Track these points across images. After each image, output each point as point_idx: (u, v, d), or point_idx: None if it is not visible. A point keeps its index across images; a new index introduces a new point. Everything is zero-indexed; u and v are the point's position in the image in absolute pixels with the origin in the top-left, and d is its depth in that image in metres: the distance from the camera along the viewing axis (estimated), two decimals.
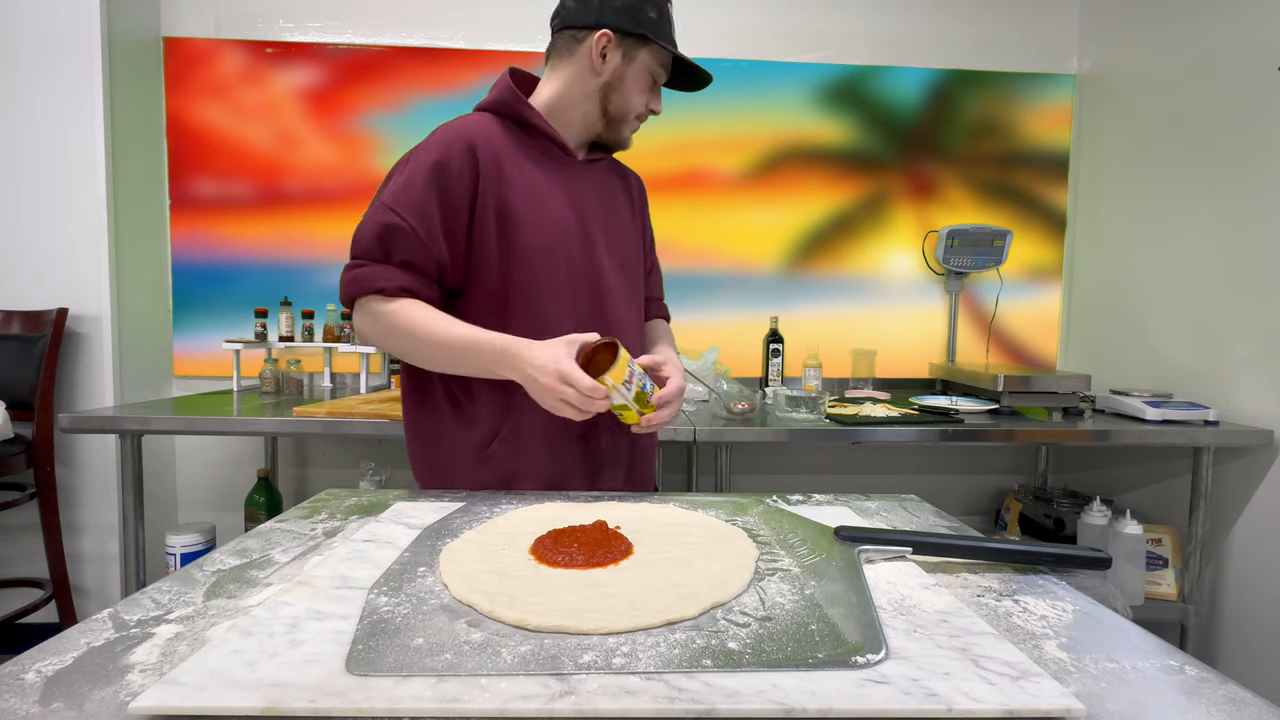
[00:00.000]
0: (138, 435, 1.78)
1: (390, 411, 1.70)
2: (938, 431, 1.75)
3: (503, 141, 1.01)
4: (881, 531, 0.71)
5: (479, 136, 0.99)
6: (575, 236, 1.03)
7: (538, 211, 1.00)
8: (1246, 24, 1.85)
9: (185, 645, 0.50)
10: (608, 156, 1.15)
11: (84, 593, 2.16)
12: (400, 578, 0.60)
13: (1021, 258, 2.51)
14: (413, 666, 0.45)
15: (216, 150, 2.32)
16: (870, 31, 2.45)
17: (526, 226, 0.99)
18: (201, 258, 2.34)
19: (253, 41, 2.31)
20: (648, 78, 1.06)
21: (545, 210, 1.01)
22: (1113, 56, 2.36)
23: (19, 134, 2.05)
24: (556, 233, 1.01)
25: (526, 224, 0.99)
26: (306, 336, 2.23)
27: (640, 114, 1.08)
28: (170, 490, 2.39)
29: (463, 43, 2.37)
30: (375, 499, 0.90)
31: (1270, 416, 1.77)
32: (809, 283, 2.48)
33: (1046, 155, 2.50)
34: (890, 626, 0.52)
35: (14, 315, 2.03)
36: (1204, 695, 0.45)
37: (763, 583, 0.60)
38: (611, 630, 0.50)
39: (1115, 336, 2.32)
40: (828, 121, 2.45)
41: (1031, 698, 0.42)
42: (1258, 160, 1.81)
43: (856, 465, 2.55)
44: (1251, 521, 1.83)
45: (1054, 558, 0.69)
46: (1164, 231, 2.12)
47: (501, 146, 1.00)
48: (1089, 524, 1.92)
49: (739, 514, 0.82)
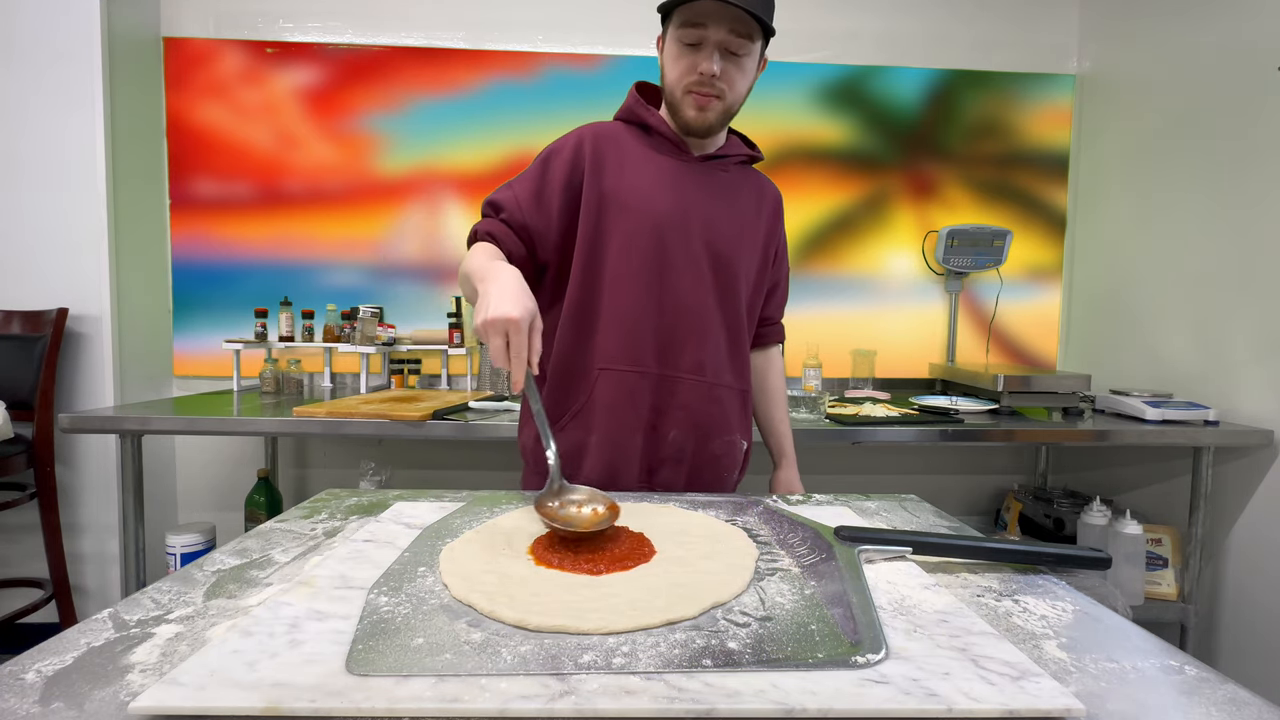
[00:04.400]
0: (138, 435, 1.77)
1: (390, 411, 1.70)
2: (938, 431, 1.75)
3: (619, 139, 1.09)
4: (881, 531, 0.71)
5: (591, 133, 1.09)
6: (675, 225, 1.06)
7: (637, 195, 1.06)
8: (1246, 24, 1.85)
9: (185, 645, 0.50)
10: (742, 159, 1.16)
11: (84, 593, 2.16)
12: (400, 578, 0.60)
13: (1021, 258, 2.51)
14: (413, 666, 0.45)
15: (216, 150, 2.32)
16: (870, 31, 2.45)
17: (623, 207, 1.06)
18: (201, 258, 2.34)
19: (253, 41, 2.31)
20: (675, 45, 1.03)
21: (645, 195, 1.06)
22: (1113, 56, 2.36)
23: (19, 134, 2.05)
24: (654, 216, 1.06)
25: (624, 205, 1.06)
26: (306, 336, 2.23)
27: (690, 85, 1.03)
28: (170, 490, 2.39)
29: (463, 43, 2.37)
30: (375, 499, 0.90)
31: (1270, 416, 1.77)
32: (809, 283, 2.47)
33: (1046, 155, 2.50)
34: (890, 626, 0.52)
35: (14, 315, 2.03)
36: (1204, 695, 0.45)
37: (763, 583, 0.60)
38: (611, 630, 0.50)
39: (1115, 336, 2.32)
40: (828, 121, 2.45)
41: (1031, 698, 0.42)
42: (1258, 160, 1.81)
43: (856, 465, 2.55)
44: (1251, 521, 1.83)
45: (1054, 558, 0.69)
46: (1164, 231, 2.12)
47: (615, 143, 1.09)
48: (1089, 524, 1.92)
49: (739, 514, 0.82)
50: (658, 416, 1.08)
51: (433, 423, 1.69)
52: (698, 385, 1.09)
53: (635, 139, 1.10)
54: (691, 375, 1.08)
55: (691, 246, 1.07)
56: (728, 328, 1.12)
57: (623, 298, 1.05)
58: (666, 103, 1.09)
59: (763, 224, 1.17)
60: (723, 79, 1.02)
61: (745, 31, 1.00)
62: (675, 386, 1.08)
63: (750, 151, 1.18)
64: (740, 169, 1.16)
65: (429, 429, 1.68)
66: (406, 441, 2.39)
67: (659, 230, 1.05)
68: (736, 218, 1.12)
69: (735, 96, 1.06)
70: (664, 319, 1.07)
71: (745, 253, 1.13)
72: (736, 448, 1.15)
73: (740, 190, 1.14)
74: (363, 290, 2.37)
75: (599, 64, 2.37)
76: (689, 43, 1.01)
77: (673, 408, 1.08)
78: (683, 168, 1.09)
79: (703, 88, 1.03)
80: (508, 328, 0.76)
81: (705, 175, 1.11)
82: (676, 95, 1.05)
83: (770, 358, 1.30)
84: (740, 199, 1.14)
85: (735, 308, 1.12)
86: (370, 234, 2.37)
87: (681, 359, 1.08)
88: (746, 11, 0.97)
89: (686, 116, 1.06)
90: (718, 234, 1.09)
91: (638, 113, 1.12)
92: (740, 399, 1.15)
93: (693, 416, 1.09)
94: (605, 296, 1.06)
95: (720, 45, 1.00)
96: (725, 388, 1.12)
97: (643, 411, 1.07)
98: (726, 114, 1.07)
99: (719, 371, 1.11)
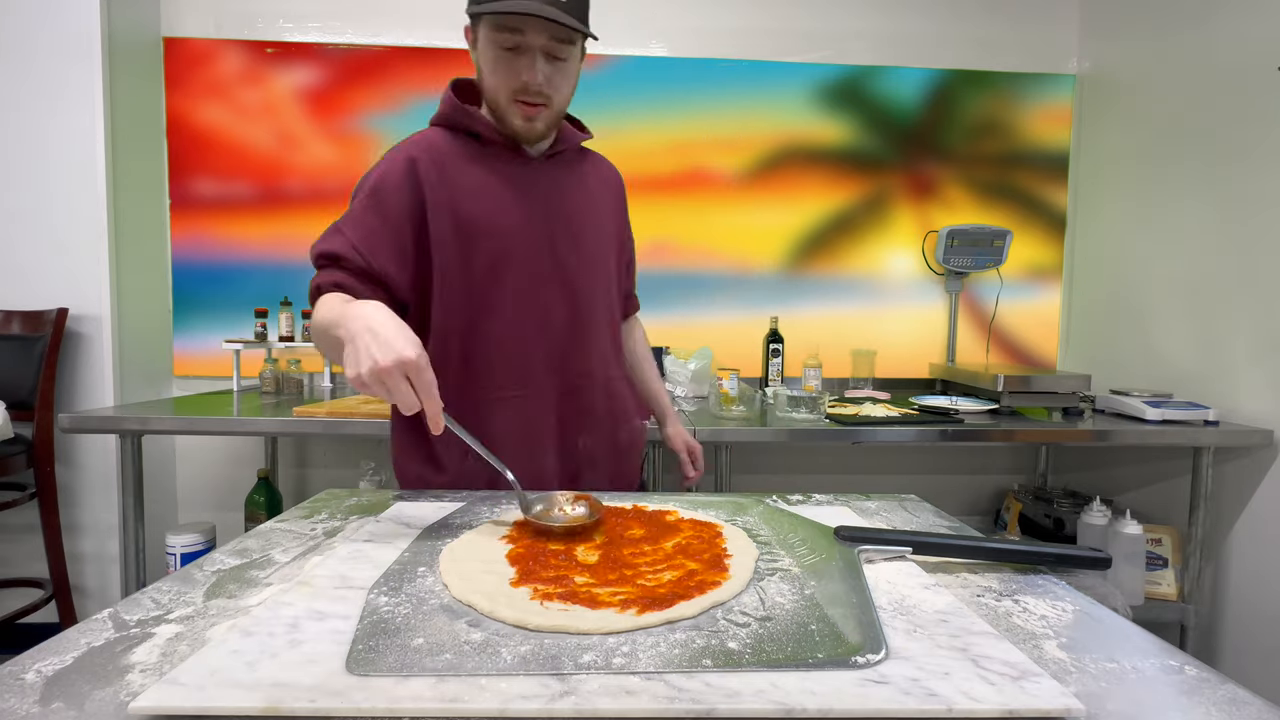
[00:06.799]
0: (138, 435, 1.77)
1: (390, 411, 1.70)
2: (938, 431, 1.75)
3: (449, 151, 1.01)
4: (881, 531, 0.71)
5: (421, 152, 1.00)
6: (537, 236, 1.02)
7: (492, 216, 1.00)
8: (1246, 24, 1.85)
9: (185, 645, 0.50)
10: (574, 147, 1.09)
11: (84, 593, 2.16)
12: (400, 578, 0.60)
13: (1021, 258, 2.51)
14: (413, 666, 0.45)
15: (216, 150, 2.32)
16: (870, 31, 2.45)
17: (482, 231, 0.99)
18: (201, 258, 2.34)
19: (253, 41, 2.31)
20: (493, 49, 0.95)
21: (500, 213, 1.00)
22: (1113, 56, 2.36)
23: (19, 134, 2.05)
24: (515, 234, 1.01)
25: (482, 229, 0.99)
26: (306, 336, 2.23)
27: (515, 94, 0.96)
28: (170, 490, 2.39)
29: (462, 43, 2.36)
30: (375, 499, 0.90)
31: (1270, 416, 1.77)
32: (809, 283, 2.47)
33: (1046, 155, 2.50)
34: (890, 626, 0.52)
35: (14, 315, 2.03)
36: (1204, 695, 0.45)
37: (763, 583, 0.60)
38: (611, 630, 0.50)
39: (1115, 336, 2.32)
40: (828, 121, 2.45)
41: (1031, 698, 0.42)
42: (1258, 160, 1.81)
43: (856, 465, 2.55)
44: (1251, 521, 1.83)
45: (1054, 558, 0.69)
46: (1164, 231, 2.12)
47: (447, 156, 1.01)
48: (1089, 524, 1.92)
49: (739, 514, 0.82)
50: (564, 428, 1.06)
51: None
52: (593, 387, 1.08)
53: (467, 150, 1.02)
54: (585, 380, 1.07)
55: (557, 255, 1.03)
56: (608, 321, 1.12)
57: (500, 323, 1.01)
58: (489, 108, 1.02)
59: (612, 208, 1.14)
60: (547, 85, 0.96)
61: (566, 37, 0.94)
62: (574, 396, 1.06)
63: (582, 134, 1.11)
64: (577, 156, 1.11)
65: None
66: None
67: (521, 247, 1.01)
68: (591, 213, 1.09)
69: (562, 99, 1.00)
70: (547, 333, 1.03)
71: (606, 246, 1.12)
72: (637, 430, 1.18)
73: (585, 181, 1.10)
74: None
75: (599, 64, 2.37)
76: (507, 47, 0.94)
77: (576, 416, 1.06)
78: (525, 174, 1.03)
79: (528, 96, 0.96)
80: (406, 370, 0.68)
81: (549, 175, 1.05)
82: (500, 103, 0.98)
83: (631, 327, 1.31)
84: (589, 191, 1.10)
85: (610, 301, 1.13)
86: None
87: (571, 367, 1.06)
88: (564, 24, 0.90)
89: (514, 126, 0.99)
90: (579, 236, 1.06)
91: (457, 117, 1.04)
92: (628, 383, 1.18)
93: (596, 418, 1.09)
94: (481, 324, 1.01)
95: (541, 50, 0.94)
96: (616, 379, 1.13)
97: (548, 429, 1.04)
98: (556, 118, 1.01)
99: (607, 366, 1.11)
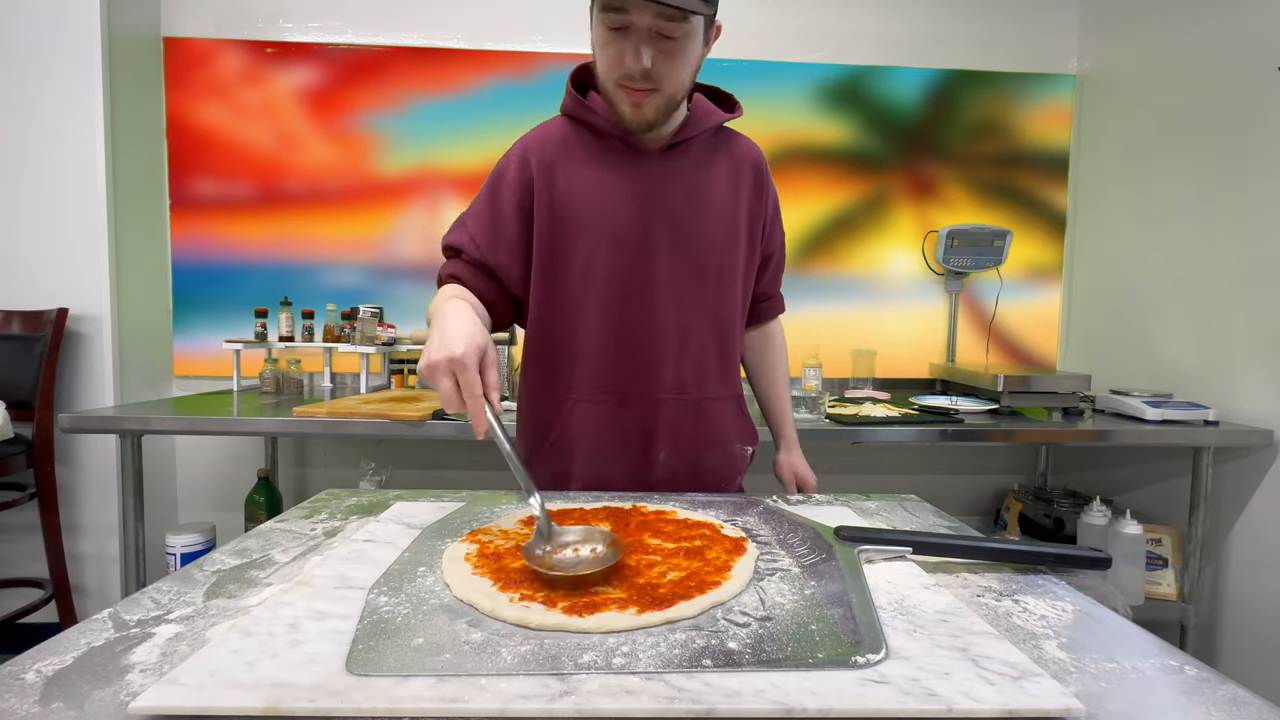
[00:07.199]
0: (138, 435, 1.77)
1: (390, 411, 1.70)
2: (938, 431, 1.75)
3: (564, 143, 0.99)
4: (881, 531, 0.71)
5: (536, 143, 1.00)
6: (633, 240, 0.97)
7: (589, 215, 0.97)
8: (1246, 24, 1.85)
9: (185, 645, 0.50)
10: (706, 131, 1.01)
11: (84, 593, 2.16)
12: (400, 578, 0.60)
13: (1021, 258, 2.51)
14: (413, 666, 0.45)
15: (216, 150, 2.32)
16: (870, 31, 2.45)
17: (576, 230, 0.97)
18: (201, 258, 2.34)
19: (253, 41, 2.31)
20: (601, 29, 0.89)
21: (599, 214, 0.98)
22: (1113, 56, 2.36)
23: (19, 134, 2.05)
24: (609, 236, 0.97)
25: (577, 227, 0.97)
26: (306, 336, 2.23)
27: (620, 80, 0.91)
28: (170, 490, 2.39)
29: (463, 43, 2.37)
30: (375, 499, 0.90)
31: (1270, 416, 1.77)
32: (809, 283, 2.47)
33: (1046, 155, 2.50)
34: (890, 626, 0.52)
35: (14, 315, 2.03)
36: (1204, 695, 0.45)
37: (763, 583, 0.60)
38: (611, 630, 0.50)
39: (1115, 336, 2.32)
40: (828, 121, 2.45)
41: (1031, 698, 0.42)
42: (1258, 160, 1.81)
43: (856, 465, 2.55)
44: (1251, 521, 1.83)
45: (1054, 558, 0.69)
46: (1164, 231, 2.12)
47: (560, 149, 0.99)
48: (1089, 524, 1.92)
49: (739, 514, 0.82)
50: (646, 440, 1.02)
51: (433, 423, 1.69)
52: (680, 403, 1.02)
53: (583, 140, 0.99)
54: (672, 395, 1.01)
55: (653, 261, 0.98)
56: (714, 336, 1.03)
57: (586, 325, 0.99)
58: (602, 95, 0.96)
59: (744, 201, 1.04)
60: (655, 71, 0.88)
61: (675, 15, 0.84)
62: (657, 408, 1.01)
63: (722, 114, 1.02)
64: (709, 142, 1.02)
65: (429, 429, 1.68)
66: (406, 441, 2.38)
67: (619, 247, 0.97)
68: (711, 210, 1.01)
69: (675, 84, 0.91)
70: (634, 341, 0.99)
71: (727, 246, 1.02)
72: (737, 456, 1.09)
73: (711, 173, 1.01)
74: (363, 290, 2.37)
75: None
76: (614, 28, 0.87)
77: (659, 429, 1.01)
78: (638, 170, 0.98)
79: (633, 83, 0.89)
80: (453, 368, 0.69)
81: (660, 172, 0.99)
82: (608, 88, 0.93)
83: (769, 334, 1.21)
84: (713, 184, 1.01)
85: (721, 314, 1.04)
86: (370, 234, 2.37)
87: (658, 379, 1.01)
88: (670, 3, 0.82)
89: (622, 112, 0.93)
90: (691, 238, 0.99)
91: (579, 112, 1.00)
92: (735, 405, 1.09)
93: (681, 436, 1.02)
94: (567, 325, 0.99)
95: (649, 31, 0.85)
96: (712, 400, 1.05)
97: (629, 438, 1.01)
98: (668, 105, 0.93)
99: (702, 385, 1.03)
